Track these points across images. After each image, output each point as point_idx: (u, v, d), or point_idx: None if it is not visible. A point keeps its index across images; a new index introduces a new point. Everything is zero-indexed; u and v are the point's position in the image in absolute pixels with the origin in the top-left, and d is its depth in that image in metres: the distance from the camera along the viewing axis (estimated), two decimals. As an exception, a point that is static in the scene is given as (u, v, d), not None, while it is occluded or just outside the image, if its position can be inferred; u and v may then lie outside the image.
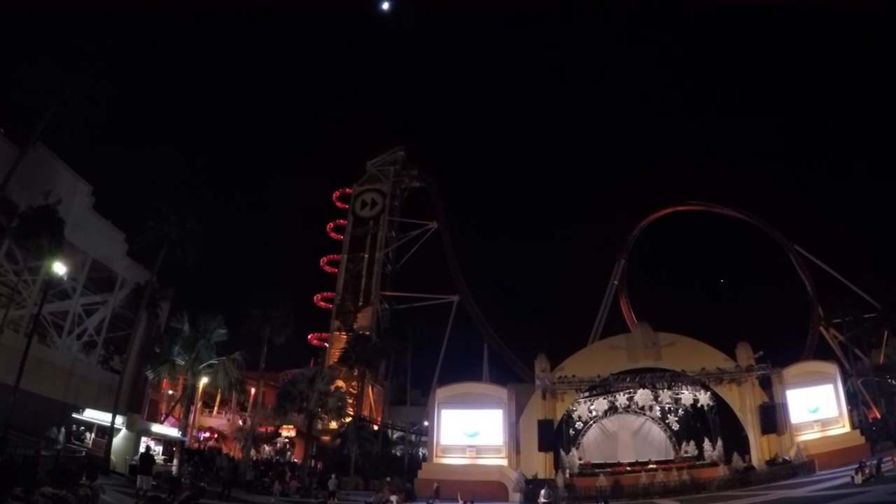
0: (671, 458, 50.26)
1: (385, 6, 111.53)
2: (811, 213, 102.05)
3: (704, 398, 50.13)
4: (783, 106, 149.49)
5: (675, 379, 49.38)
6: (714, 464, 46.69)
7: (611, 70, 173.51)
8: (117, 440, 40.34)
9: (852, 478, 33.98)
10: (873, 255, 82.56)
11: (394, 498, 39.50)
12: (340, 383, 63.98)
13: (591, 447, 52.41)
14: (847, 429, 47.77)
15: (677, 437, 52.23)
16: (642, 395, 50.46)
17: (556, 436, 49.18)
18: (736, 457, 45.69)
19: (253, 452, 54.06)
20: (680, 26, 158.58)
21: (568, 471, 46.97)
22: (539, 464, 47.37)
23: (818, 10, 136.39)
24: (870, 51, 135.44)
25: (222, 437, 60.21)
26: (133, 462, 36.43)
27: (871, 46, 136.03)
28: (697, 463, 47.82)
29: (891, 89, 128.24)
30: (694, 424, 52.26)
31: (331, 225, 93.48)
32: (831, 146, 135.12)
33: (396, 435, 68.82)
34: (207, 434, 60.66)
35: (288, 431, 63.44)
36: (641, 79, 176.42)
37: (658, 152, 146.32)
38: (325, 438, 60.64)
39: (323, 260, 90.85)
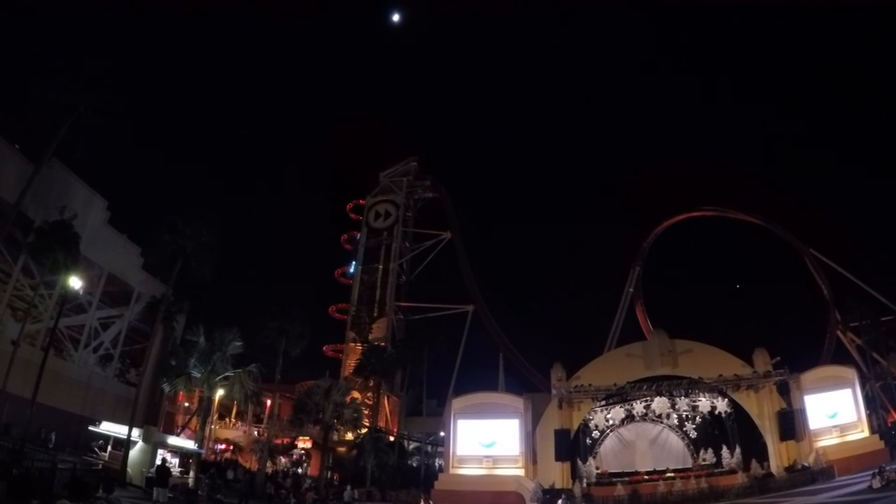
0: (689, 466, 49.81)
1: (396, 18, 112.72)
2: (826, 216, 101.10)
3: (722, 405, 49.60)
4: (796, 107, 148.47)
5: (692, 386, 48.85)
6: (732, 471, 46.13)
7: (623, 78, 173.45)
8: (134, 452, 40.38)
9: (871, 483, 33.58)
10: (890, 258, 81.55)
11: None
12: (356, 394, 63.97)
13: (609, 456, 52.04)
14: (866, 433, 47.05)
15: (695, 445, 51.73)
16: (659, 403, 50.01)
17: (573, 445, 48.91)
18: (754, 464, 45.15)
19: (269, 464, 54.00)
20: (685, 26, 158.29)
21: (585, 480, 46.64)
22: (556, 473, 47.08)
23: (823, 9, 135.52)
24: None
25: (238, 449, 60.24)
26: (150, 474, 36.46)
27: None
28: (716, 471, 47.33)
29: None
30: (712, 432, 51.69)
31: (345, 236, 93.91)
32: (845, 148, 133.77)
33: (412, 446, 68.84)
34: (223, 446, 60.71)
35: (304, 443, 63.36)
36: (651, 84, 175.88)
37: (670, 159, 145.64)
38: (341, 450, 60.61)
39: (337, 271, 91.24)
